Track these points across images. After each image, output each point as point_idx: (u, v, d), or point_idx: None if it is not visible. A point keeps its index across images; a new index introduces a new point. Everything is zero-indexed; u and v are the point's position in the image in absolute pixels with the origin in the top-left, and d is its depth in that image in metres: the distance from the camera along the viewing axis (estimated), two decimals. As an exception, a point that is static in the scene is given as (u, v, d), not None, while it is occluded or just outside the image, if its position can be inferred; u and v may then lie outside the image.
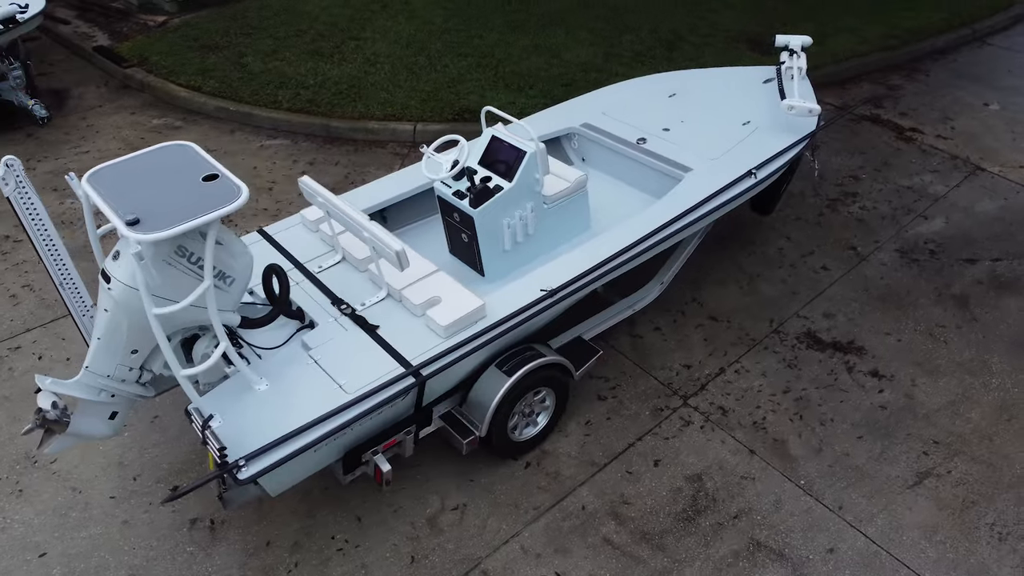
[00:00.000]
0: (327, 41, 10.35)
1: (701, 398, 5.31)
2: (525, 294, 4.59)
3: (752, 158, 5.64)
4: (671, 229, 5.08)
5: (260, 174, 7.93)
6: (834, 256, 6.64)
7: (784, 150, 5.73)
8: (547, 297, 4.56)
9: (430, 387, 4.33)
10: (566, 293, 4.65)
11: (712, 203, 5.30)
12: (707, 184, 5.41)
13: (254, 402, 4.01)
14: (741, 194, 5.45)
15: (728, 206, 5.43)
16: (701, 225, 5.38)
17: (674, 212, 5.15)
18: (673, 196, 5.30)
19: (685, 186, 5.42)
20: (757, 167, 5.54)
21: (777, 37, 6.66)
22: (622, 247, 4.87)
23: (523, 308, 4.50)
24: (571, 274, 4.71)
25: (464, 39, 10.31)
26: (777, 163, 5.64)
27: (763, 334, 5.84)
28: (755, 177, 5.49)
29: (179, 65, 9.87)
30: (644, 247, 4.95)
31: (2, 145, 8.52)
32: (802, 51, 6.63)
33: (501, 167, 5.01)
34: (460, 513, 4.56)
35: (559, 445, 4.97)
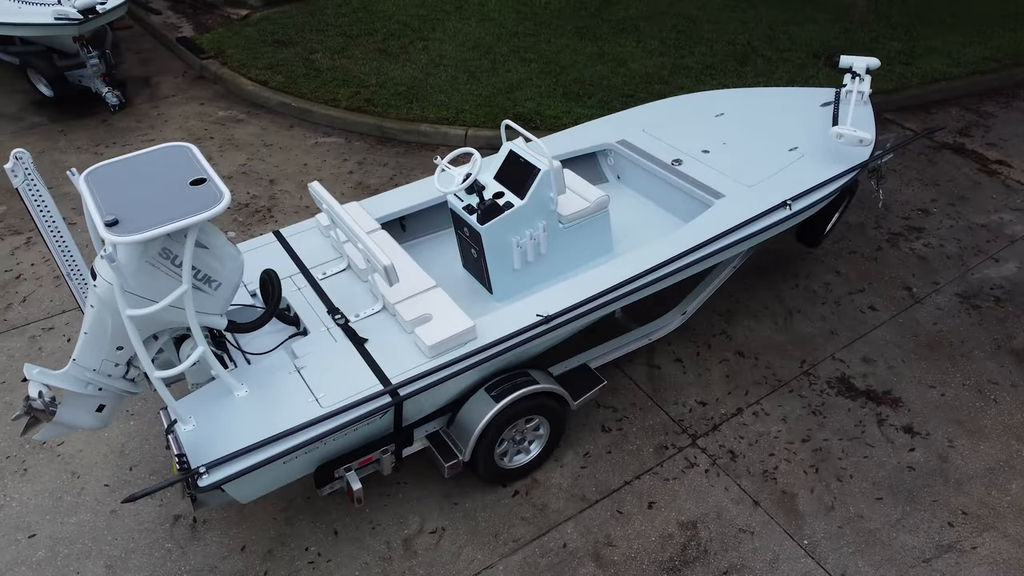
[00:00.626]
0: (396, 40, 10.40)
1: (711, 439, 5.01)
2: (521, 318, 4.42)
3: (791, 187, 5.29)
4: (688, 259, 4.81)
5: (309, 171, 8.02)
6: (885, 296, 6.17)
7: (827, 181, 5.34)
8: (541, 323, 4.38)
9: (411, 407, 4.22)
10: (563, 321, 4.45)
11: (738, 233, 4.99)
12: (736, 213, 5.10)
13: (231, 408, 3.99)
14: (773, 226, 5.12)
15: (758, 238, 5.11)
16: (726, 256, 5.08)
17: (694, 241, 4.87)
18: (697, 223, 5.02)
19: (713, 213, 5.13)
20: (793, 198, 5.19)
21: (841, 58, 6.24)
22: (629, 276, 4.64)
23: (515, 333, 4.33)
24: (572, 301, 4.50)
25: (531, 44, 10.17)
26: (817, 195, 5.26)
27: (791, 375, 5.47)
28: (790, 208, 5.14)
29: (251, 59, 10.11)
30: (654, 278, 4.69)
31: (77, 129, 8.91)
32: (867, 74, 6.19)
33: (515, 183, 4.85)
34: (438, 537, 4.44)
35: (552, 475, 4.78)
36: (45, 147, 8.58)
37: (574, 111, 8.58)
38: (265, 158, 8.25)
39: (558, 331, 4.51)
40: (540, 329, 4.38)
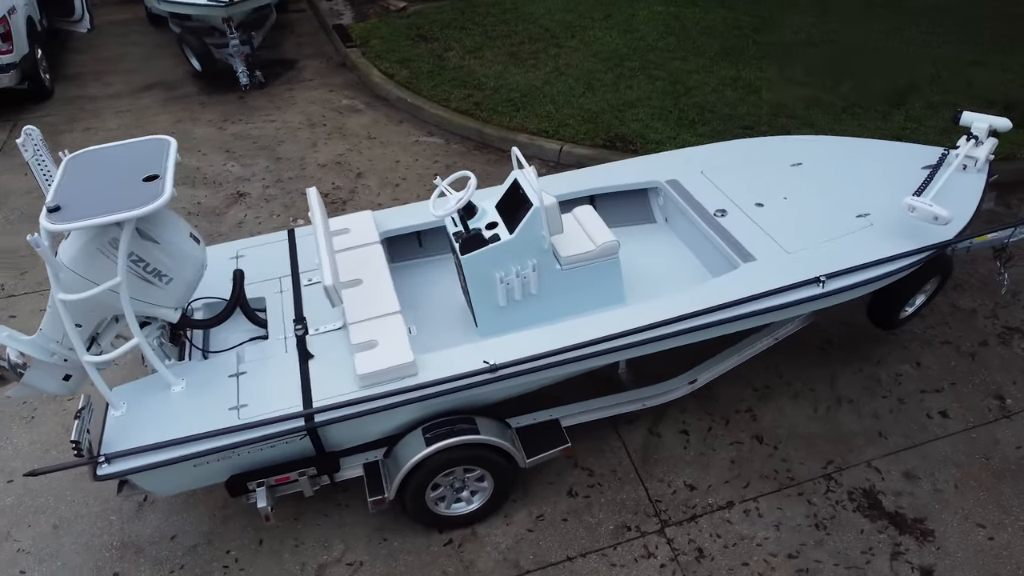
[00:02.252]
0: (531, 45, 10.23)
1: (684, 530, 4.44)
2: (471, 360, 4.13)
3: (836, 261, 4.55)
4: (684, 326, 4.26)
5: (398, 168, 8.07)
6: (967, 402, 5.18)
7: (885, 260, 4.54)
8: (487, 371, 4.06)
9: (337, 434, 4.08)
10: (514, 373, 4.10)
11: (752, 305, 4.36)
12: (759, 281, 4.47)
13: (162, 401, 4.05)
14: (801, 303, 4.43)
15: (779, 313, 4.45)
16: (737, 327, 4.46)
17: (693, 307, 4.32)
18: (711, 287, 4.45)
19: (733, 277, 4.53)
20: (832, 275, 4.46)
21: (963, 114, 5.30)
22: (602, 336, 4.19)
23: (457, 376, 4.05)
24: (528, 352, 4.14)
25: (665, 60, 9.61)
26: (867, 274, 4.49)
27: (808, 475, 4.74)
28: (822, 286, 4.42)
29: (388, 51, 10.36)
30: (635, 340, 4.21)
31: (215, 104, 9.57)
32: (990, 136, 5.21)
33: (511, 216, 4.54)
34: (352, 571, 4.27)
35: (494, 532, 4.46)
36: (183, 116, 9.28)
37: (681, 137, 8.00)
38: (363, 150, 8.41)
39: (519, 381, 4.17)
40: (485, 378, 4.06)
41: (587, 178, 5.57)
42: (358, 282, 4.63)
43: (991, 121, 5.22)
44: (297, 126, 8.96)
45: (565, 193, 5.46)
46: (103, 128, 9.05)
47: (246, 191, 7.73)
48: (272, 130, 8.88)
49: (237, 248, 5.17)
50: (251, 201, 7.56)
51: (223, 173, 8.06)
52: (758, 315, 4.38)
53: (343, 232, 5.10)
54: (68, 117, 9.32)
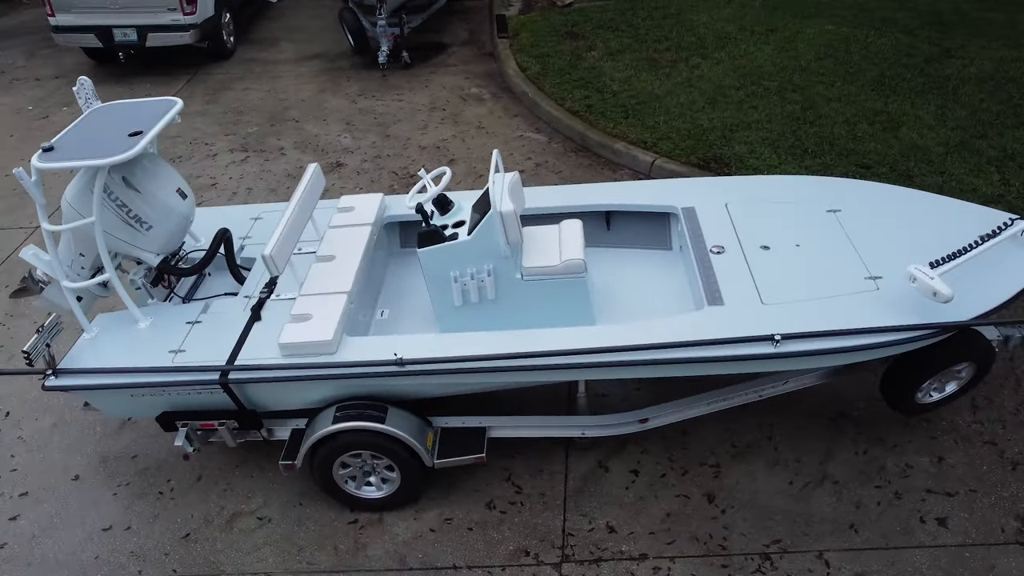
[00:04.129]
0: (675, 53, 9.90)
1: (581, 570, 4.24)
2: (384, 350, 4.21)
3: (808, 322, 4.09)
4: (605, 358, 4.05)
5: (488, 162, 8.18)
6: (979, 516, 4.44)
7: (861, 331, 4.00)
8: (394, 364, 4.12)
9: (255, 394, 4.34)
10: (423, 371, 4.12)
11: (688, 352, 4.04)
12: (711, 327, 4.13)
13: (126, 334, 4.53)
14: (750, 359, 4.03)
15: (726, 365, 4.09)
16: (677, 372, 4.17)
17: (630, 340, 4.08)
18: (663, 324, 4.18)
19: (691, 318, 4.22)
20: (788, 335, 4.01)
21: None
22: (510, 352, 4.09)
23: (366, 363, 4.15)
24: (446, 352, 4.13)
25: (809, 83, 8.91)
26: (834, 343, 3.99)
27: (743, 550, 4.31)
28: (775, 345, 3.99)
29: (533, 45, 10.50)
30: (549, 364, 4.06)
31: (359, 79, 10.25)
32: None
33: (478, 217, 4.55)
34: (259, 526, 4.54)
35: (399, 523, 4.52)
36: (326, 87, 10.04)
37: (783, 167, 7.42)
38: (468, 139, 8.63)
39: (437, 380, 4.19)
40: (391, 370, 4.12)
41: (607, 193, 5.38)
42: (331, 258, 4.84)
43: None
44: (418, 108, 9.36)
45: (580, 205, 5.32)
46: (258, 88, 10.01)
47: (345, 162, 8.24)
48: (395, 109, 9.35)
49: (260, 210, 5.57)
50: (344, 172, 8.05)
51: (333, 143, 8.64)
52: (697, 363, 4.04)
53: (348, 210, 5.33)
54: (235, 76, 10.40)
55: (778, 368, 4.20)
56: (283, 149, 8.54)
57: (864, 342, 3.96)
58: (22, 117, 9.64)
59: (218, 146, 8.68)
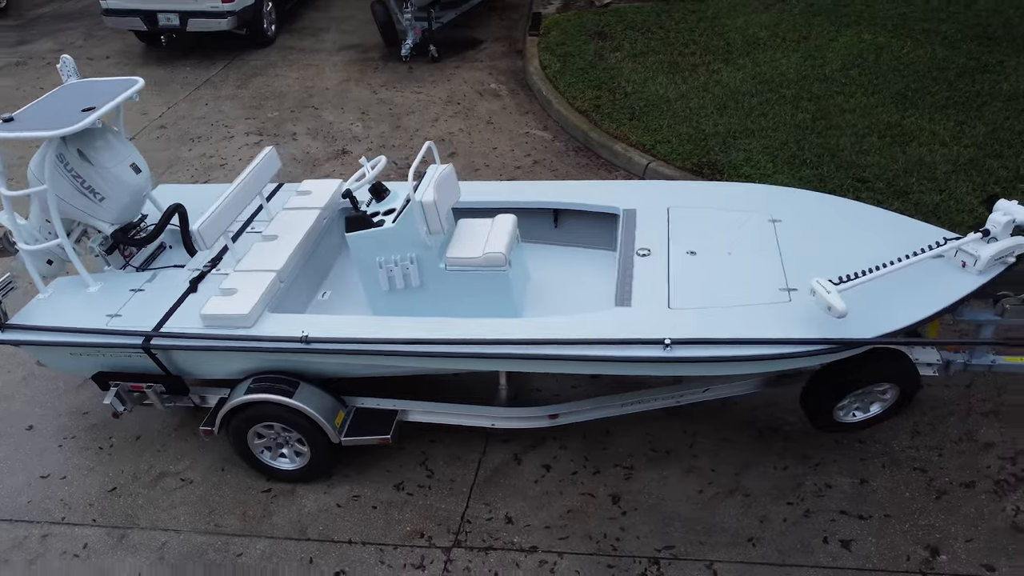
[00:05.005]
0: (699, 57, 9.79)
1: (470, 556, 4.33)
2: (299, 327, 4.39)
3: (706, 329, 4.07)
4: (498, 350, 4.13)
5: (491, 155, 8.33)
6: (887, 542, 4.31)
7: (754, 341, 3.96)
8: (300, 341, 4.30)
9: (180, 361, 4.58)
10: (328, 350, 4.28)
11: (581, 350, 4.08)
12: (609, 327, 4.15)
13: (77, 296, 4.86)
14: (641, 361, 4.04)
15: (619, 366, 4.11)
16: (573, 369, 4.21)
17: (531, 335, 4.15)
18: (564, 320, 4.22)
19: (594, 317, 4.25)
20: (679, 340, 4.00)
21: (999, 201, 4.34)
22: (418, 337, 4.20)
23: (274, 338, 4.34)
24: (351, 334, 4.28)
25: (828, 92, 8.69)
26: (720, 352, 3.95)
27: (634, 552, 4.32)
28: (665, 349, 3.99)
29: (560, 44, 10.55)
30: (448, 351, 4.16)
31: (386, 71, 10.51)
32: (1016, 235, 4.24)
33: (403, 207, 4.69)
34: (180, 485, 4.79)
35: (309, 495, 4.70)
36: (352, 76, 10.35)
37: (777, 176, 7.28)
38: (474, 133, 8.78)
39: (345, 360, 4.34)
40: (296, 347, 4.30)
41: (557, 191, 5.43)
42: (273, 238, 5.05)
43: (1021, 216, 4.20)
44: (434, 101, 9.55)
45: (529, 202, 5.39)
46: (288, 76, 10.39)
47: (351, 150, 8.50)
48: (412, 101, 9.57)
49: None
50: (347, 160, 8.30)
51: (344, 131, 8.91)
52: (586, 361, 4.08)
53: (306, 193, 5.54)
54: (269, 63, 10.82)
55: (669, 373, 4.18)
56: (295, 135, 8.86)
57: (752, 352, 3.91)
58: (68, 93, 10.29)
59: (236, 128, 9.07)
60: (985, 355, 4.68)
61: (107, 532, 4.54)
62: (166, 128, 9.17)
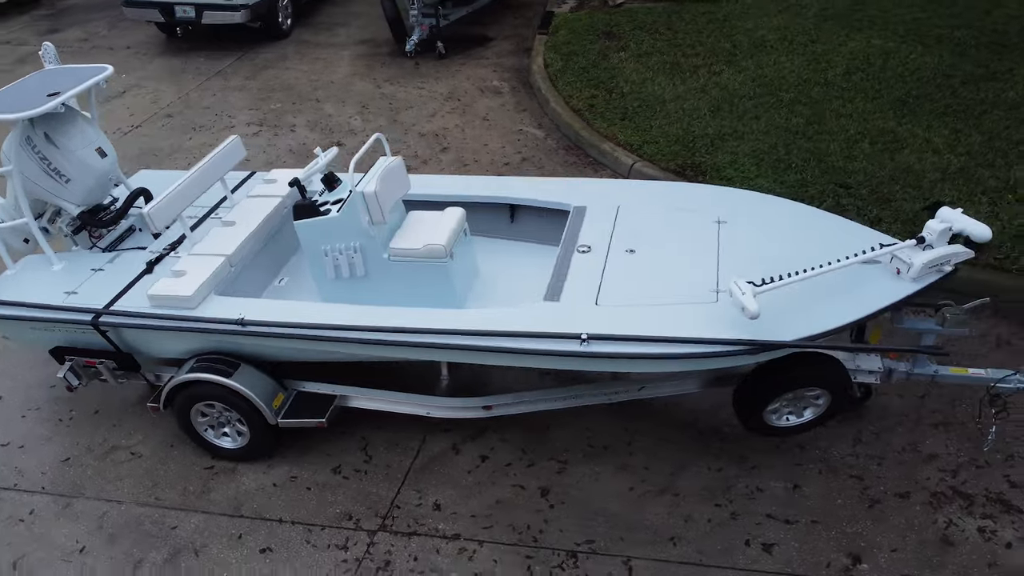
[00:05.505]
0: (702, 58, 9.74)
1: (393, 540, 4.42)
2: (239, 311, 4.52)
3: (628, 326, 4.09)
4: (422, 339, 4.22)
5: (482, 151, 8.41)
6: (810, 547, 4.29)
7: (669, 340, 3.98)
8: (236, 323, 4.43)
9: (130, 339, 4.76)
10: (262, 333, 4.41)
11: (504, 342, 4.14)
12: (532, 321, 4.21)
13: (41, 273, 5.07)
14: (560, 355, 4.09)
15: (542, 359, 4.17)
16: (493, 360, 4.28)
17: (439, 324, 4.23)
18: (492, 313, 4.29)
19: (520, 311, 4.31)
20: (596, 336, 4.04)
21: (943, 209, 4.29)
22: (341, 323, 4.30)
23: (213, 320, 4.49)
24: (287, 318, 4.40)
25: (824, 97, 8.58)
26: (635, 348, 3.98)
27: (554, 545, 4.36)
28: (582, 344, 4.03)
29: (566, 43, 10.58)
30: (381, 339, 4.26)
31: (393, 66, 10.66)
32: (954, 243, 4.19)
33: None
34: (129, 459, 4.98)
35: (249, 474, 4.85)
36: (359, 71, 10.52)
37: (758, 180, 7.23)
38: (468, 129, 8.87)
39: (280, 344, 4.46)
40: (233, 328, 4.44)
41: (514, 187, 5.49)
42: (231, 224, 5.21)
43: (971, 225, 4.14)
44: (435, 97, 9.66)
45: (484, 196, 5.46)
46: (297, 69, 10.61)
47: (344, 142, 8.66)
48: (413, 96, 9.69)
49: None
50: (341, 152, 8.45)
51: (342, 124, 9.07)
52: (504, 353, 4.14)
53: (271, 182, 5.68)
54: (281, 56, 11.06)
55: (586, 368, 4.21)
56: (294, 127, 9.05)
57: (667, 351, 3.92)
58: (85, 81, 10.66)
59: (239, 119, 9.30)
60: (927, 365, 4.63)
61: (54, 500, 4.74)
62: (172, 117, 9.44)
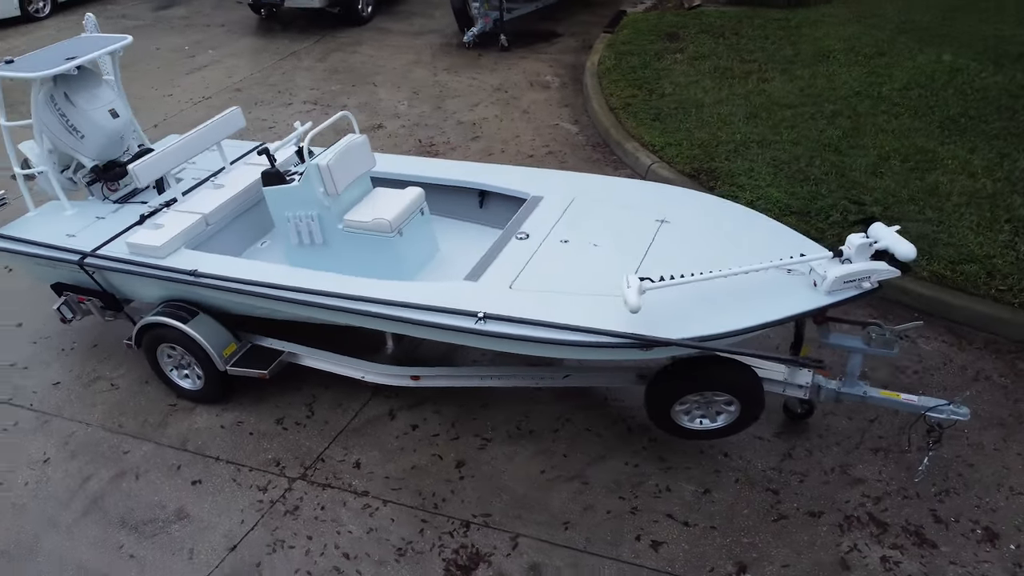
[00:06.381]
0: (757, 64, 9.58)
1: (307, 488, 4.73)
2: (203, 263, 4.95)
3: (529, 310, 4.24)
4: (335, 303, 4.52)
5: (511, 142, 8.62)
6: (699, 551, 4.28)
7: (557, 326, 4.10)
8: (189, 274, 4.87)
9: (114, 281, 5.29)
10: (214, 285, 4.81)
11: (407, 312, 4.38)
12: (442, 297, 4.42)
13: (53, 217, 5.69)
14: (457, 331, 4.29)
15: (426, 331, 4.39)
16: (403, 331, 4.52)
17: (354, 291, 4.51)
18: (406, 286, 4.54)
19: (437, 287, 4.53)
20: (490, 316, 4.21)
21: (875, 224, 4.22)
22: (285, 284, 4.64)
23: (172, 269, 4.93)
24: (236, 275, 4.78)
25: (870, 111, 8.29)
26: (521, 331, 4.12)
27: (451, 513, 4.55)
28: (477, 322, 4.21)
29: (626, 42, 10.64)
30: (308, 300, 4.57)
31: (454, 56, 11.02)
32: (882, 261, 4.11)
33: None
34: (108, 388, 5.54)
35: (203, 416, 5.28)
36: (421, 60, 10.95)
37: (767, 190, 7.09)
38: (506, 120, 9.11)
39: (230, 297, 4.87)
40: (186, 279, 4.87)
41: (482, 173, 5.69)
42: (220, 187, 5.67)
43: (891, 243, 4.05)
44: (484, 88, 9.94)
45: (454, 179, 5.69)
46: (364, 54, 11.16)
47: (385, 125, 9.08)
48: (464, 86, 10.02)
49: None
50: (380, 133, 8.89)
51: (390, 108, 9.51)
52: (406, 323, 4.37)
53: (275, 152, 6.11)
54: (354, 41, 11.64)
55: (482, 345, 4.36)
56: (345, 107, 9.55)
57: (553, 336, 4.04)
58: (176, 54, 11.60)
59: (298, 96, 9.90)
60: (857, 384, 4.52)
61: (36, 416, 5.34)
62: (240, 91, 10.16)
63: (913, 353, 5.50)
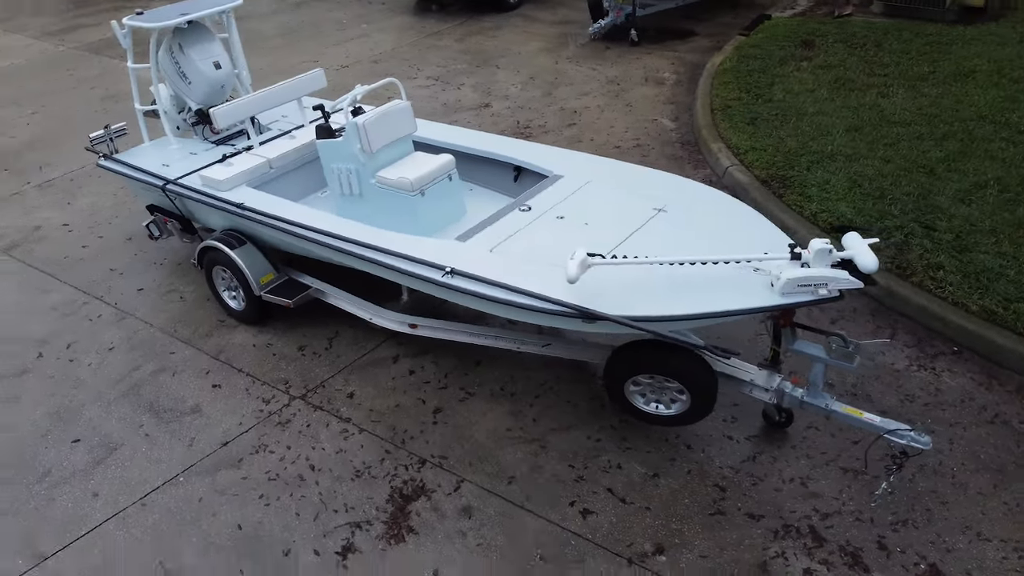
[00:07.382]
0: (885, 79, 9.13)
1: (301, 406, 5.33)
2: (251, 199, 5.69)
3: (498, 273, 4.56)
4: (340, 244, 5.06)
5: (604, 132, 8.82)
6: (624, 526, 4.40)
7: (512, 289, 4.40)
8: (237, 206, 5.60)
9: (190, 207, 6.16)
10: (253, 218, 5.52)
11: (394, 260, 4.85)
12: (432, 252, 4.84)
13: (160, 149, 6.67)
14: (428, 281, 4.71)
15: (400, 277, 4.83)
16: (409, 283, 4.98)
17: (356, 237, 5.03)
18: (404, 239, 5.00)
19: (428, 243, 4.96)
20: (457, 272, 4.58)
21: (848, 234, 4.23)
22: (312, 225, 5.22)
23: (224, 200, 5.69)
24: (272, 212, 5.46)
25: (988, 136, 7.72)
26: (479, 288, 4.44)
27: (414, 451, 4.99)
28: (445, 275, 4.60)
29: (755, 45, 10.48)
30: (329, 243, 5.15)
31: (585, 48, 11.31)
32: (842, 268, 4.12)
33: None
34: (177, 299, 6.43)
35: (243, 333, 6.01)
36: (550, 47, 11.36)
37: (836, 204, 6.88)
38: (607, 110, 9.33)
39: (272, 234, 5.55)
40: (235, 210, 5.61)
41: (515, 149, 6.06)
42: (294, 139, 6.41)
43: (856, 253, 4.03)
44: (598, 79, 10.18)
45: (490, 152, 6.09)
46: (499, 38, 11.72)
47: (493, 105, 9.57)
48: (581, 76, 10.31)
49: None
50: (483, 112, 9.39)
51: (503, 90, 9.99)
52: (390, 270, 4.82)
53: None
54: (495, 26, 12.22)
55: (448, 298, 4.70)
56: (462, 85, 10.13)
57: (507, 298, 4.33)
58: (332, 25, 12.72)
59: (423, 72, 10.61)
60: (821, 396, 4.46)
61: (116, 312, 6.33)
62: (377, 63, 11.03)
63: (932, 384, 5.23)
